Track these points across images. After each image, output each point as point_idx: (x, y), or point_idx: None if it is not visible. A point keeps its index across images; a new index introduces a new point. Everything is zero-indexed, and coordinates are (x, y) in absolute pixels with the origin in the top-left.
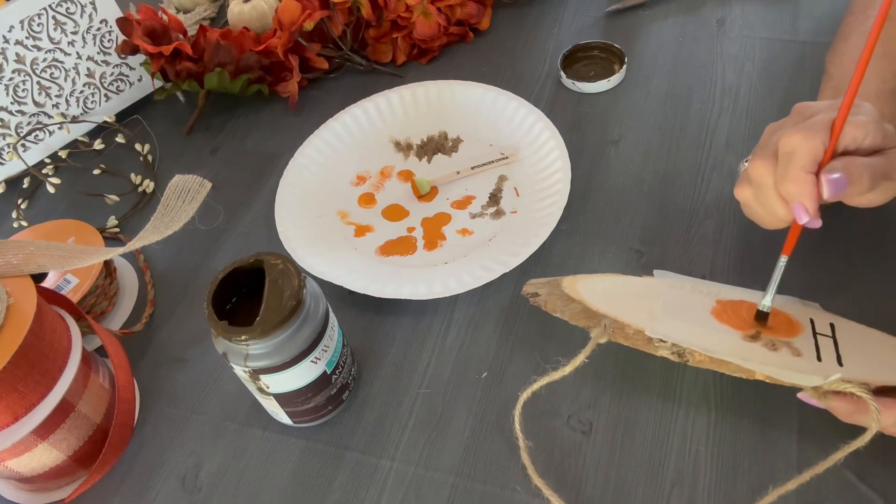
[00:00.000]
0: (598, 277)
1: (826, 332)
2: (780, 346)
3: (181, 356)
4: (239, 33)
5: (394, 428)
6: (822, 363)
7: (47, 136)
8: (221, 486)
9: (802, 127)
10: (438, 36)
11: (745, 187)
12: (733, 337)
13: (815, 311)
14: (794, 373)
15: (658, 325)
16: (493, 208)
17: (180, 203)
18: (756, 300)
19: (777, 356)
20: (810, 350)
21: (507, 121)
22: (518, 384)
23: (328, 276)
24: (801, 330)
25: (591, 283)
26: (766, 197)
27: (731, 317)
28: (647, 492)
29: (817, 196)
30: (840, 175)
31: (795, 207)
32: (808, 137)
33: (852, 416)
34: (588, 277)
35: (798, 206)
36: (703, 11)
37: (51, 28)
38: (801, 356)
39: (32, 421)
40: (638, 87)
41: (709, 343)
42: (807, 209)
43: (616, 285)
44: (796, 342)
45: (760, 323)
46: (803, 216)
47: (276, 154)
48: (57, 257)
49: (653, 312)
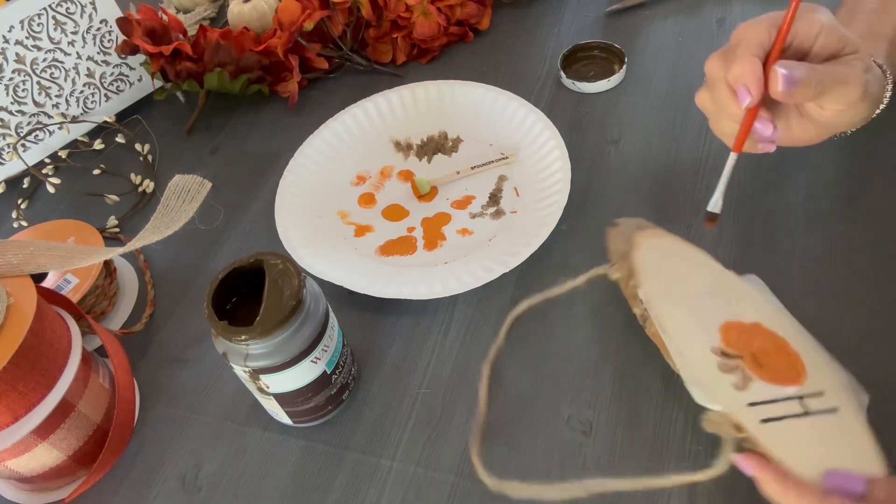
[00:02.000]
0: (673, 243)
1: (822, 408)
2: (751, 384)
3: (181, 356)
4: (239, 33)
5: (394, 428)
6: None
7: (47, 136)
8: (221, 486)
9: (752, 21)
10: (438, 36)
11: (703, 91)
12: (708, 342)
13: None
14: (699, 388)
15: (654, 296)
16: (493, 208)
17: (180, 203)
18: (805, 348)
19: (728, 386)
20: (792, 406)
21: (506, 121)
22: (518, 383)
23: (328, 276)
24: (799, 381)
25: (658, 242)
26: (719, 92)
27: (737, 337)
28: (646, 491)
29: (761, 78)
30: (789, 69)
31: (739, 90)
32: (754, 27)
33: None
34: (662, 237)
35: (741, 88)
36: (703, 11)
37: (51, 28)
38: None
39: (32, 421)
40: (638, 87)
41: (680, 334)
42: (749, 90)
43: (679, 254)
44: (782, 391)
45: (708, 223)
46: (745, 97)
47: (276, 154)
48: (57, 257)
49: (671, 287)
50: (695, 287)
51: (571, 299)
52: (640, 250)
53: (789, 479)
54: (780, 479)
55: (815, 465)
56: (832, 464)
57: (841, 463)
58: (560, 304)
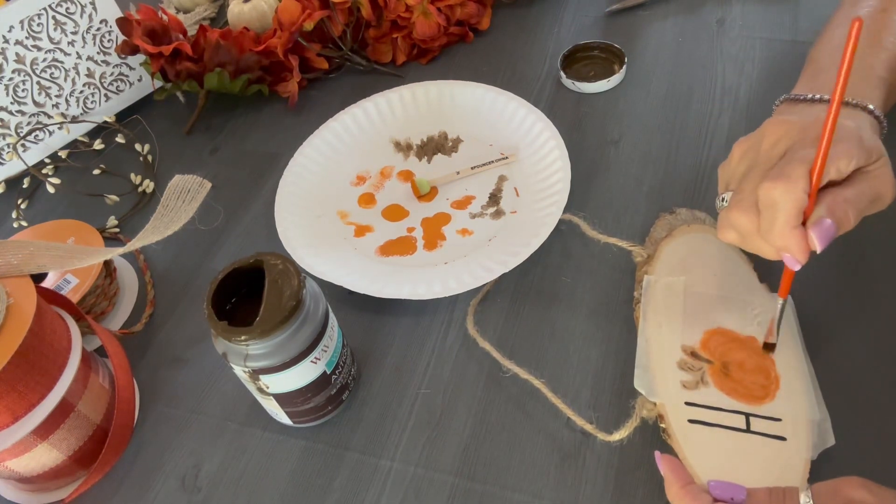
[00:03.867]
0: (714, 242)
1: (768, 432)
2: (702, 388)
3: (181, 356)
4: (239, 33)
5: (394, 428)
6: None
7: (47, 136)
8: (221, 486)
9: (782, 177)
10: (438, 36)
11: (730, 232)
12: (683, 339)
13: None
14: (644, 372)
15: (653, 283)
16: (492, 208)
17: (180, 203)
18: (793, 377)
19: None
20: (734, 419)
21: (506, 121)
22: (518, 384)
23: (328, 276)
24: (758, 403)
25: (695, 237)
26: (753, 243)
27: (718, 344)
28: (646, 492)
29: (807, 247)
30: (828, 223)
31: (787, 259)
32: (789, 189)
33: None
34: (705, 233)
35: (789, 258)
36: (703, 11)
37: (51, 28)
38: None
39: (32, 421)
40: (638, 87)
41: (654, 326)
42: (797, 260)
43: (713, 253)
44: (732, 403)
45: (767, 352)
46: (796, 266)
47: (276, 154)
48: (57, 257)
49: (679, 281)
50: (707, 287)
51: (572, 299)
52: (673, 241)
53: (689, 487)
54: (682, 486)
55: (720, 475)
56: (742, 479)
57: (756, 482)
58: (560, 303)
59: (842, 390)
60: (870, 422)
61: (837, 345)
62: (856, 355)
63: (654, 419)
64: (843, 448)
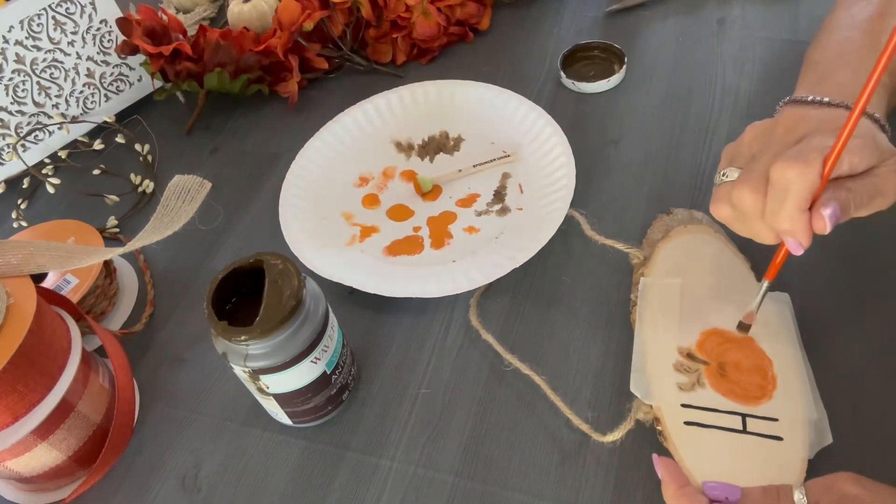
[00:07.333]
0: (712, 243)
1: (764, 432)
2: (699, 389)
3: (181, 356)
4: (239, 33)
5: (394, 428)
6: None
7: (47, 136)
8: (221, 486)
9: (799, 159)
10: (438, 36)
11: (725, 207)
12: (679, 340)
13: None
14: (640, 376)
15: (649, 285)
16: (498, 205)
17: (180, 203)
18: (790, 377)
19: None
20: (730, 420)
21: (507, 119)
22: (518, 384)
23: (335, 277)
24: (755, 403)
25: (693, 238)
26: (750, 224)
27: (714, 345)
28: (646, 492)
29: (811, 231)
30: (833, 209)
31: (790, 243)
32: (805, 172)
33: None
34: (703, 234)
35: (793, 242)
36: (703, 11)
37: (51, 28)
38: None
39: (32, 421)
40: (638, 87)
41: (650, 327)
42: (801, 243)
43: (710, 254)
44: (728, 404)
45: (741, 332)
46: (799, 250)
47: (276, 154)
48: (57, 257)
49: (675, 282)
50: (704, 289)
51: (572, 299)
52: (669, 242)
53: (686, 489)
54: (679, 487)
55: (716, 476)
56: (739, 480)
57: (753, 482)
58: (560, 303)
59: (839, 389)
60: (867, 420)
61: (835, 343)
62: (853, 354)
63: (651, 422)
64: (841, 447)
